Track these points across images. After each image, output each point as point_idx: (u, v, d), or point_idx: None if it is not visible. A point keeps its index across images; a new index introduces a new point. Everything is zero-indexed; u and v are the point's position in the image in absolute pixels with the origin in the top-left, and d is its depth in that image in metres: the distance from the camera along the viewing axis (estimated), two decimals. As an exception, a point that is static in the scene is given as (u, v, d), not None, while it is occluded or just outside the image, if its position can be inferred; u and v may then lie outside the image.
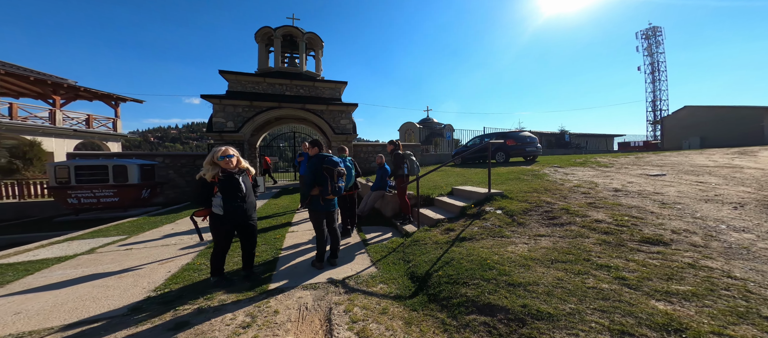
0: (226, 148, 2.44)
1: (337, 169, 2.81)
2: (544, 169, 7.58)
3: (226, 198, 2.38)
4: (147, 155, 9.88)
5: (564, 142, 22.12)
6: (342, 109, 10.83)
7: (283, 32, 10.72)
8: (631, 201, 3.91)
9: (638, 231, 2.92)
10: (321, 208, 2.83)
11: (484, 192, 4.74)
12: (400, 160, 4.67)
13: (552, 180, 5.71)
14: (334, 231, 2.99)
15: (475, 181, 6.45)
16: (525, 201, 4.30)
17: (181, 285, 2.56)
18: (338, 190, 2.81)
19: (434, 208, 5.08)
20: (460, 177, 7.68)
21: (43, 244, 4.18)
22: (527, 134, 10.50)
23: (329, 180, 2.77)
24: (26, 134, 14.27)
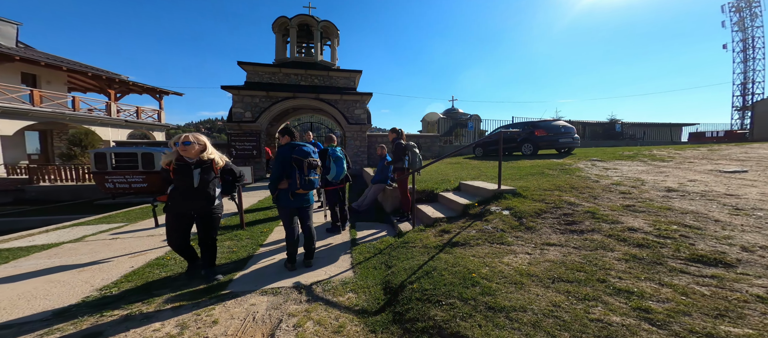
0: (186, 135, 2.27)
1: (307, 159, 2.51)
2: (578, 162, 6.71)
3: (175, 187, 2.29)
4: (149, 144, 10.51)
5: (614, 132, 19.45)
6: (356, 98, 10.56)
7: (299, 22, 10.60)
8: (688, 204, 3.17)
9: (689, 245, 2.29)
10: (290, 204, 2.58)
11: (493, 188, 4.21)
12: (401, 152, 4.29)
13: (583, 176, 4.97)
14: (308, 229, 2.74)
15: (490, 176, 5.85)
16: (541, 201, 3.73)
17: (132, 284, 2.45)
18: (309, 184, 2.54)
19: (436, 205, 4.65)
20: (475, 170, 7.08)
21: (48, 229, 4.45)
22: (562, 123, 9.39)
23: (298, 172, 2.49)
24: (86, 124, 16.00)
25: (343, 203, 4.08)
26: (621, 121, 20.27)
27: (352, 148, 10.74)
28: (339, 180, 3.93)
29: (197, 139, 2.31)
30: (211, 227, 2.45)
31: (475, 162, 9.08)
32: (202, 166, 2.30)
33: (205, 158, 2.32)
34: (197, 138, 2.32)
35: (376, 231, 4.16)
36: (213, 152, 2.39)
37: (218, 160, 2.43)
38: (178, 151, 2.26)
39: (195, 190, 2.28)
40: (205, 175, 2.33)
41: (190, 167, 2.28)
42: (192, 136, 2.30)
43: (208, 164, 2.34)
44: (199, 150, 2.30)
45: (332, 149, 3.90)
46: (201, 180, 2.29)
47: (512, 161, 8.11)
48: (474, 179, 5.63)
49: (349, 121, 10.42)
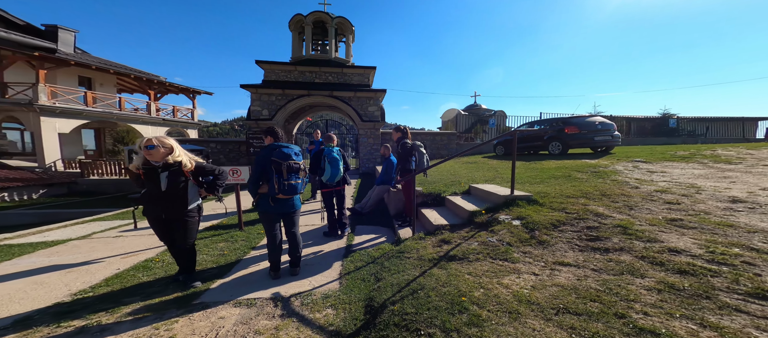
0: (149, 138, 2.19)
1: (286, 162, 2.34)
2: (616, 164, 5.99)
3: (145, 191, 2.25)
4: (200, 141, 11.10)
5: (667, 128, 16.97)
6: (370, 95, 10.38)
7: (314, 19, 10.61)
8: (759, 221, 2.60)
9: (753, 276, 1.83)
10: (271, 210, 2.43)
11: (505, 194, 3.82)
12: (407, 152, 4.03)
13: (620, 181, 4.39)
14: (292, 236, 2.58)
15: (506, 178, 5.39)
16: (560, 210, 3.30)
17: (108, 289, 2.41)
18: (289, 189, 2.37)
19: (442, 210, 4.34)
20: (492, 171, 6.61)
21: (66, 224, 4.73)
22: (598, 120, 8.45)
23: (277, 176, 2.33)
24: (130, 122, 17.50)
25: (341, 206, 3.92)
26: (676, 115, 17.73)
27: (365, 146, 10.61)
28: (334, 183, 3.76)
29: (162, 142, 2.23)
30: (185, 233, 2.36)
31: (494, 162, 8.52)
32: (169, 169, 2.23)
33: (171, 161, 2.23)
34: (162, 141, 2.23)
35: (375, 236, 3.96)
36: (181, 154, 2.30)
37: (187, 162, 2.32)
38: (144, 154, 2.19)
39: (163, 194, 2.21)
40: (174, 179, 2.25)
41: (157, 170, 2.21)
42: (156, 139, 2.22)
43: (176, 167, 2.26)
44: (164, 153, 2.22)
45: (328, 149, 3.73)
46: (169, 183, 2.22)
47: (536, 161, 7.47)
48: (487, 182, 5.22)
49: (362, 118, 10.28)
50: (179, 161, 2.27)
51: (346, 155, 5.79)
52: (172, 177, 2.24)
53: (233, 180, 3.90)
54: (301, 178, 2.48)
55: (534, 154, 9.48)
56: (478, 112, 25.11)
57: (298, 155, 2.50)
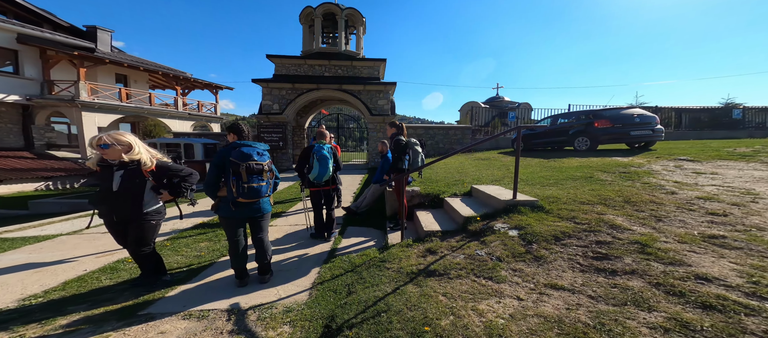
0: (101, 136, 2.06)
1: (245, 163, 2.15)
2: (654, 162, 5.31)
3: (98, 190, 2.17)
4: (214, 135, 11.51)
5: (730, 120, 14.58)
6: (380, 88, 10.10)
7: (324, 11, 10.42)
8: None
9: None
10: (232, 214, 2.26)
11: (506, 198, 3.46)
12: (401, 150, 3.76)
13: (653, 185, 3.86)
14: (259, 242, 2.43)
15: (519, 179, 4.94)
16: (569, 220, 2.91)
17: (62, 294, 2.31)
18: (250, 192, 2.19)
19: (438, 213, 4.04)
20: (503, 170, 6.14)
21: (66, 218, 4.92)
22: (637, 112, 7.48)
23: (234, 178, 2.16)
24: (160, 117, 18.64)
25: (329, 207, 3.76)
26: (743, 105, 14.97)
27: (375, 140, 10.39)
28: (322, 182, 3.60)
29: (116, 139, 2.09)
30: (140, 238, 2.24)
31: (509, 158, 7.95)
32: (126, 168, 2.11)
33: (128, 159, 2.10)
34: (116, 138, 2.09)
35: (365, 239, 3.77)
36: (140, 152, 2.16)
37: (147, 160, 2.18)
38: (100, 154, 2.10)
39: (115, 194, 2.09)
40: (129, 178, 2.12)
41: (112, 168, 2.10)
42: (109, 136, 2.07)
43: (134, 166, 2.13)
44: (121, 151, 2.09)
45: (319, 146, 3.56)
46: (122, 183, 2.10)
47: (557, 159, 6.84)
48: (493, 182, 4.82)
49: (371, 112, 10.06)
50: (138, 159, 2.15)
51: (338, 153, 5.65)
52: (128, 177, 2.12)
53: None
54: (265, 180, 2.29)
55: (556, 150, 8.73)
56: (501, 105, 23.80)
57: (262, 154, 2.31)
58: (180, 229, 4.21)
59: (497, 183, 4.76)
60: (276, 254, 3.22)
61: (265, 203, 2.41)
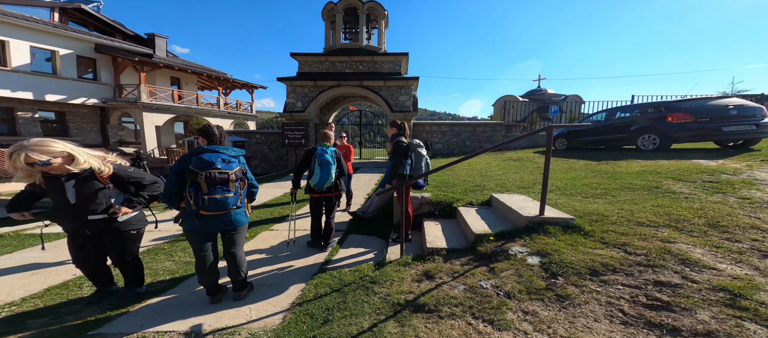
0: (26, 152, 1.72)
1: (204, 172, 1.90)
2: (759, 169, 4.07)
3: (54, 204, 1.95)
4: (244, 133, 12.03)
5: None
6: (401, 84, 9.64)
7: (345, 5, 10.19)
8: None
9: None
10: (196, 228, 2.01)
11: (530, 214, 2.86)
12: (402, 153, 3.35)
13: (757, 202, 2.93)
14: (231, 257, 2.20)
15: (554, 185, 4.19)
16: (616, 247, 2.29)
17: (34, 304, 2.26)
18: (211, 204, 1.93)
19: (449, 225, 3.54)
20: (536, 174, 5.35)
21: None
22: (734, 102, 5.85)
23: (192, 189, 1.92)
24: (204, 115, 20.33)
25: (329, 215, 3.49)
26: None
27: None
28: (323, 188, 3.31)
29: (47, 151, 1.76)
30: (120, 247, 2.12)
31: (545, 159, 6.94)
32: (77, 177, 1.90)
33: (77, 170, 1.88)
34: (46, 150, 1.76)
35: (363, 251, 3.44)
36: (86, 161, 1.89)
37: (99, 167, 1.94)
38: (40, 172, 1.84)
39: (75, 207, 1.91)
40: (84, 188, 1.92)
41: (59, 179, 1.87)
42: (35, 151, 1.73)
43: (86, 174, 1.92)
44: (64, 163, 1.84)
45: (322, 149, 3.27)
46: (78, 195, 1.90)
47: (613, 161, 5.79)
48: (520, 189, 4.15)
49: (392, 108, 9.65)
50: (88, 168, 1.91)
51: (350, 153, 5.35)
52: (82, 187, 1.92)
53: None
54: (234, 191, 2.04)
55: (612, 149, 7.40)
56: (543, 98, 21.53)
57: (230, 161, 2.05)
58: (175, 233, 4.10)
59: (524, 191, 4.08)
60: (264, 264, 3.04)
61: (238, 214, 2.16)
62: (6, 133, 12.85)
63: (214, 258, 2.13)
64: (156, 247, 3.53)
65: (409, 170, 3.33)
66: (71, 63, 14.17)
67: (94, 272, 2.23)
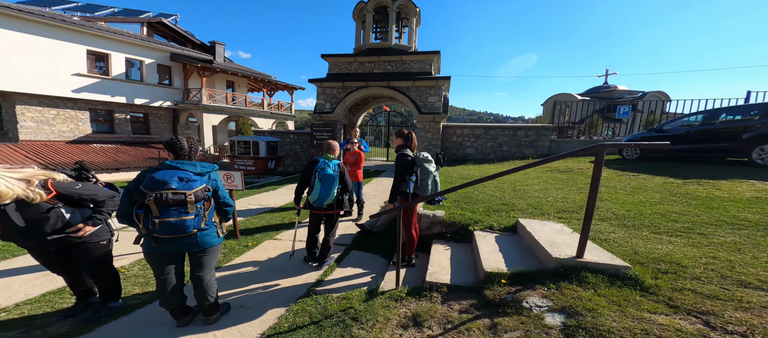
0: None
1: (155, 194, 1.69)
2: None
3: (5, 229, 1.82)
4: (278, 133, 12.51)
5: None
6: (430, 84, 9.04)
7: (375, 4, 9.90)
8: None
9: None
10: (155, 251, 1.82)
11: (562, 254, 2.23)
12: (406, 168, 2.91)
13: None
14: (198, 280, 2.00)
15: (607, 211, 3.38)
16: (693, 314, 1.72)
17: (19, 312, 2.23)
18: (164, 228, 1.72)
19: (459, 252, 3.02)
20: (585, 193, 4.41)
21: None
22: None
23: (140, 210, 1.73)
24: (251, 116, 22.06)
25: (328, 233, 3.18)
26: None
27: (423, 141, 9.40)
28: (323, 206, 3.03)
29: None
30: (88, 261, 2.05)
31: (609, 171, 5.77)
32: (15, 201, 1.74)
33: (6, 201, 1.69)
34: None
35: (361, 273, 3.10)
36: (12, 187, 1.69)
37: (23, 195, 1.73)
38: None
39: (26, 229, 1.82)
40: (29, 211, 1.79)
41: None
42: None
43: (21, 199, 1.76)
44: None
45: (324, 162, 2.98)
46: (25, 217, 1.78)
47: (708, 179, 4.61)
48: (559, 214, 3.43)
49: (420, 110, 9.11)
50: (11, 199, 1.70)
51: (361, 161, 5.02)
52: (26, 210, 1.79)
53: (229, 186, 3.84)
54: (193, 212, 1.80)
55: (708, 163, 5.80)
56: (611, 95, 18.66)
57: (190, 180, 1.83)
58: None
59: (565, 217, 3.34)
60: (252, 280, 2.85)
61: (206, 236, 1.95)
62: (107, 131, 15.35)
63: (178, 281, 1.95)
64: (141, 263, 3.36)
65: (413, 188, 2.89)
66: (153, 70, 16.43)
67: (71, 281, 2.23)
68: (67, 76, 12.83)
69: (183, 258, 2.00)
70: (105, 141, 14.91)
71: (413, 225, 3.09)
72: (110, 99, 14.56)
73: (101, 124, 14.93)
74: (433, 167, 2.96)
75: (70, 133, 13.66)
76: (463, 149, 9.91)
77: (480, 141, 9.76)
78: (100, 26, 14.23)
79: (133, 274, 3.05)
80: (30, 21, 11.59)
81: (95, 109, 14.45)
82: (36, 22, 11.74)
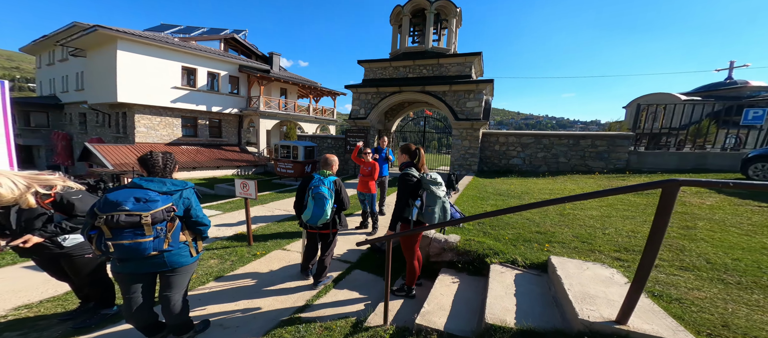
0: None
1: (106, 215, 1.60)
2: None
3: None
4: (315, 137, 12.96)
5: None
6: (469, 88, 8.30)
7: (412, 8, 9.53)
8: None
9: None
10: (118, 269, 1.78)
11: (593, 317, 1.66)
12: (408, 191, 2.50)
13: None
14: (166, 300, 1.90)
15: (689, 254, 2.52)
16: None
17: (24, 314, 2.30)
18: (118, 251, 1.63)
19: (469, 287, 2.53)
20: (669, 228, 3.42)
21: (208, 205, 6.35)
22: None
23: (92, 232, 1.66)
24: (299, 121, 23.62)
25: (324, 253, 2.99)
26: None
27: (458, 150, 8.66)
28: (317, 225, 2.84)
29: None
30: (74, 272, 2.09)
31: (719, 198, 4.39)
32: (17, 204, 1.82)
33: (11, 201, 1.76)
34: None
35: (356, 298, 2.81)
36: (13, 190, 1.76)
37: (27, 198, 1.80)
38: None
39: (16, 234, 1.85)
40: (23, 214, 1.84)
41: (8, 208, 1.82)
42: None
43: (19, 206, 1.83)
44: None
45: (318, 179, 2.79)
46: (18, 221, 1.84)
47: None
48: (614, 253, 2.67)
49: (457, 115, 8.41)
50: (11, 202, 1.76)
51: (376, 171, 4.71)
52: (22, 212, 1.86)
53: (243, 194, 3.95)
54: (151, 234, 1.68)
55: None
56: (740, 93, 14.85)
57: (148, 201, 1.70)
58: (212, 238, 4.20)
59: (621, 258, 2.60)
60: (242, 296, 2.76)
61: (175, 256, 1.85)
62: (191, 135, 17.93)
63: (145, 300, 1.87)
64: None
65: (416, 214, 2.50)
66: (226, 81, 18.87)
67: (72, 286, 2.34)
68: (167, 89, 15.53)
69: (152, 276, 1.92)
70: (189, 143, 17.58)
71: (415, 255, 2.70)
72: (195, 107, 17.12)
73: (188, 129, 17.63)
74: (441, 191, 2.53)
75: (168, 136, 16.44)
76: (507, 159, 8.92)
77: (529, 150, 8.66)
78: (192, 45, 16.84)
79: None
80: (147, 44, 14.35)
81: (185, 116, 17.15)
82: (150, 45, 14.50)
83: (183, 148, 16.60)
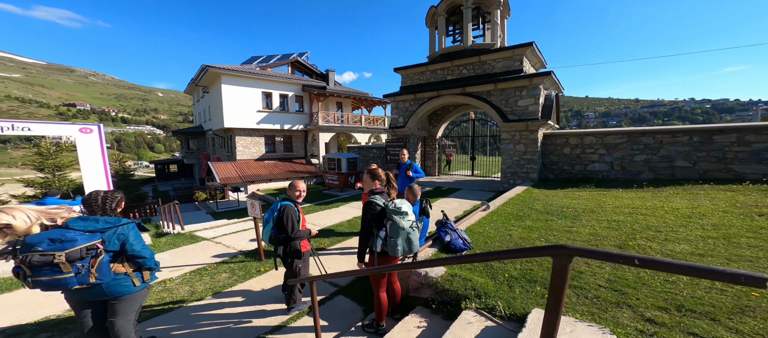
0: None
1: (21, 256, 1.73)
2: None
3: None
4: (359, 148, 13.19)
5: None
6: (520, 84, 7.12)
7: (447, 7, 8.82)
8: None
9: None
10: (68, 296, 1.97)
11: None
12: (372, 221, 2.26)
13: None
14: (110, 325, 2.04)
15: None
16: None
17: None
18: (38, 286, 1.76)
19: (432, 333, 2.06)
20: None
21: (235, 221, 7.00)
22: None
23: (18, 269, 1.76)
24: (352, 132, 24.79)
25: (287, 276, 2.93)
26: None
27: (510, 156, 7.44)
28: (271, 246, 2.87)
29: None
30: None
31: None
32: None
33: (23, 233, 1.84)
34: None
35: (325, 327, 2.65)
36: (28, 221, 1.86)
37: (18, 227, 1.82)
38: None
39: None
40: None
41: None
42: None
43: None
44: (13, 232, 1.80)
45: (276, 202, 2.85)
46: None
47: None
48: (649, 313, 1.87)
49: (506, 116, 7.26)
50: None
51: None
52: None
53: (252, 214, 4.23)
54: (70, 271, 1.78)
55: None
56: None
57: (65, 241, 1.80)
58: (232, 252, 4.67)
59: (648, 319, 1.75)
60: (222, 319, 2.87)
61: (115, 286, 1.97)
62: (271, 151, 20.87)
63: (95, 324, 2.05)
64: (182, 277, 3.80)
65: (380, 245, 2.22)
66: (293, 101, 21.57)
67: None
68: (253, 113, 18.61)
69: (101, 304, 2.07)
70: (270, 158, 20.67)
71: (383, 288, 2.40)
72: (272, 126, 19.99)
73: (269, 145, 20.69)
74: (407, 222, 2.19)
75: (256, 153, 19.66)
76: (583, 164, 7.21)
77: (618, 152, 6.75)
78: (268, 72, 19.82)
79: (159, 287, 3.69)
80: (240, 76, 17.59)
81: (266, 135, 20.24)
82: (242, 77, 17.71)
83: (266, 162, 19.44)
